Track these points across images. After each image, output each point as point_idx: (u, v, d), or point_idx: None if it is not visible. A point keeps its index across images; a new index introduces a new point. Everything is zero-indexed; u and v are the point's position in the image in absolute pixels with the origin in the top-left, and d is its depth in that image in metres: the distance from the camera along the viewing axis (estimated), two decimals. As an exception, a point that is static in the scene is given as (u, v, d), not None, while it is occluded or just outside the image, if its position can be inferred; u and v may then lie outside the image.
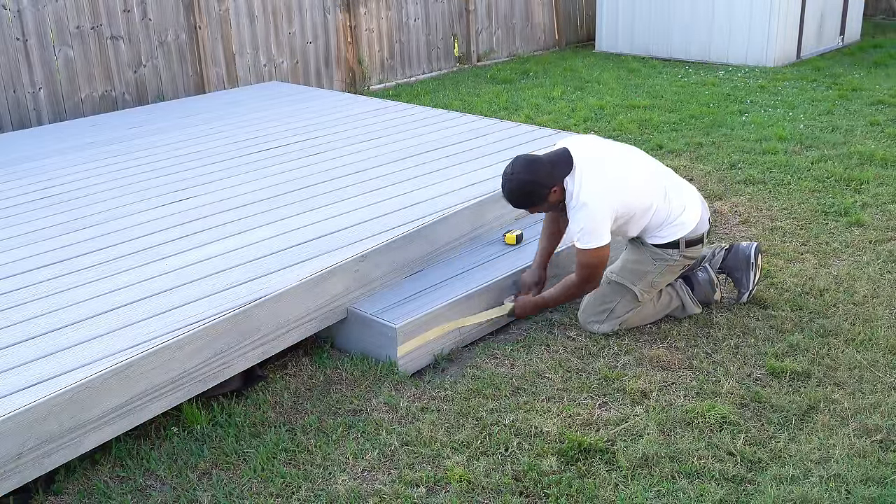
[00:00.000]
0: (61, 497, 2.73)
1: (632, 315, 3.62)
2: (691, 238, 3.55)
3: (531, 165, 3.38)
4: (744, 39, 9.62)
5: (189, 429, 3.03)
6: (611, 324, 3.61)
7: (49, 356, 2.79)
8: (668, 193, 3.53)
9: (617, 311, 3.60)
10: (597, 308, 3.61)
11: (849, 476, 2.70)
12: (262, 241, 3.68)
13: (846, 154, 5.99)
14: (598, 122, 7.20)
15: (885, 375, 3.28)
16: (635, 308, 3.61)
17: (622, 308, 3.59)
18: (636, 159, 3.59)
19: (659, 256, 3.56)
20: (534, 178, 3.36)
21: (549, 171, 3.37)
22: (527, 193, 3.41)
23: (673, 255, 3.56)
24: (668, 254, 3.55)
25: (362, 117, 5.86)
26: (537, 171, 3.36)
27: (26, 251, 3.68)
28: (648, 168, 3.58)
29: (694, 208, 3.58)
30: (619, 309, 3.59)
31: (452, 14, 9.82)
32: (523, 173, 3.37)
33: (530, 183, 3.37)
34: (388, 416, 3.09)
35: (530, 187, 3.38)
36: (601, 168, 3.41)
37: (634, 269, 3.59)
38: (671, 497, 2.64)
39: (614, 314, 3.60)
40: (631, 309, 3.61)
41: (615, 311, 3.60)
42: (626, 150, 3.63)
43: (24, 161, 5.06)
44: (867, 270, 4.16)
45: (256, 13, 7.86)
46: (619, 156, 3.56)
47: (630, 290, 3.58)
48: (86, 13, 6.66)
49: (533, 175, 3.36)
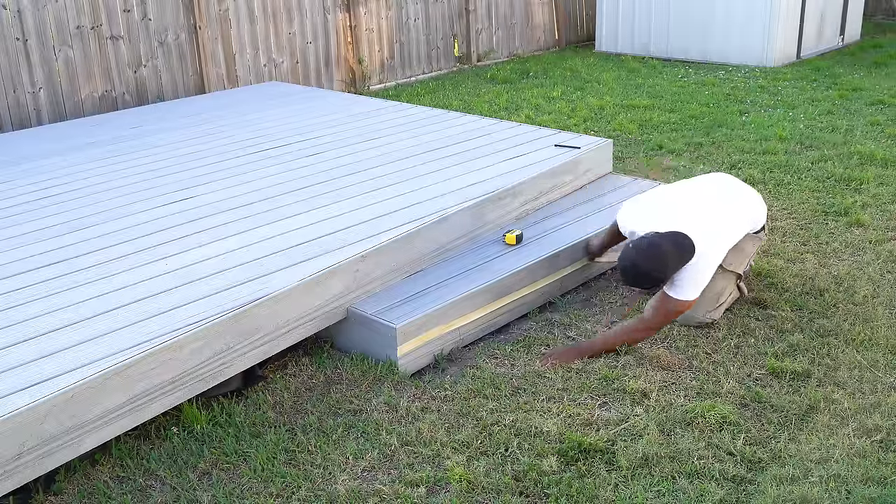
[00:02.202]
0: (61, 497, 2.73)
1: (730, 298, 3.75)
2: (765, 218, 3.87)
3: (664, 258, 3.33)
4: (744, 39, 9.61)
5: (189, 429, 3.03)
6: (719, 310, 3.70)
7: (49, 356, 2.79)
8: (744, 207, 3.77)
9: (726, 293, 3.71)
10: (711, 300, 3.65)
11: (849, 476, 2.70)
12: (262, 241, 3.68)
13: (846, 154, 5.99)
14: (598, 122, 7.20)
15: (885, 375, 3.28)
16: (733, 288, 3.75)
17: (729, 289, 3.72)
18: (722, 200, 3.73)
19: (756, 238, 3.81)
20: (662, 270, 3.35)
21: (675, 264, 3.37)
22: (649, 279, 3.40)
23: (762, 235, 3.86)
24: (762, 235, 3.86)
25: (362, 117, 5.86)
26: (666, 264, 3.34)
27: (26, 251, 3.68)
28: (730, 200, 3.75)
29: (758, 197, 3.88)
30: (728, 291, 3.72)
31: (452, 14, 9.82)
32: (655, 263, 3.32)
33: (657, 272, 3.35)
34: (388, 416, 3.09)
35: (656, 275, 3.37)
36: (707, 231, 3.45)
37: (740, 254, 3.72)
38: (671, 497, 2.64)
39: (723, 295, 3.70)
40: (733, 290, 3.76)
41: (724, 293, 3.70)
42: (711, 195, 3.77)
43: (24, 161, 5.05)
44: (867, 270, 4.16)
45: (256, 13, 7.85)
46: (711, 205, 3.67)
47: (734, 273, 3.72)
48: (86, 13, 6.66)
49: (662, 267, 3.34)
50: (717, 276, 3.61)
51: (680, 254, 3.37)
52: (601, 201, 4.62)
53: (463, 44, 10.05)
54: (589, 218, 4.38)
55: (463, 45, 10.05)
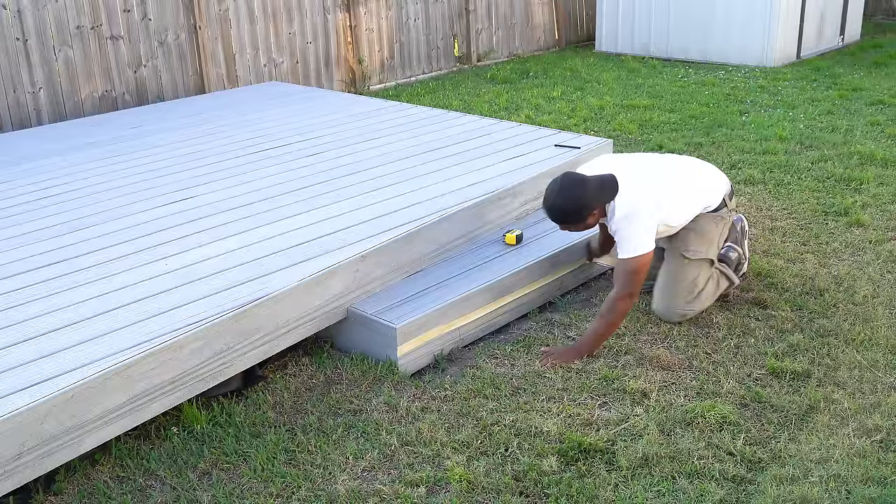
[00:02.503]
0: (61, 497, 2.73)
1: (709, 286, 3.72)
2: (729, 193, 3.82)
3: (579, 186, 3.42)
4: (744, 39, 9.61)
5: (189, 429, 3.03)
6: (700, 299, 3.69)
7: (49, 356, 2.79)
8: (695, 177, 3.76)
9: (700, 284, 3.68)
10: (684, 289, 3.65)
11: (849, 476, 2.70)
12: (262, 241, 3.68)
13: (846, 154, 5.99)
14: (598, 122, 7.20)
15: (885, 375, 3.28)
16: (711, 276, 3.73)
17: (703, 279, 3.69)
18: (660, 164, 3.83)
19: (717, 217, 3.75)
20: (580, 199, 3.41)
21: (595, 192, 3.43)
22: (569, 212, 3.46)
23: (724, 212, 3.78)
24: (721, 213, 3.77)
25: (362, 117, 5.86)
26: (584, 192, 3.42)
27: (26, 251, 3.68)
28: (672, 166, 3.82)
29: (716, 172, 3.86)
30: (701, 281, 3.69)
31: (452, 14, 9.82)
32: (571, 192, 3.41)
33: (575, 202, 3.42)
34: (388, 416, 3.09)
35: (574, 206, 3.43)
36: (639, 182, 3.52)
37: (702, 237, 3.70)
38: (671, 497, 2.64)
39: (698, 287, 3.68)
40: (709, 277, 3.72)
41: (699, 284, 3.68)
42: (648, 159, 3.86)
43: (24, 161, 5.05)
44: (867, 270, 4.16)
45: (256, 13, 7.86)
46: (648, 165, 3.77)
47: (706, 261, 3.70)
48: (86, 13, 6.66)
49: (580, 196, 3.41)
50: (685, 264, 3.67)
51: (599, 187, 3.43)
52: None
53: (463, 44, 10.05)
54: (589, 218, 4.37)
55: (463, 45, 10.05)
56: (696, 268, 3.67)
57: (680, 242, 3.70)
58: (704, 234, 3.69)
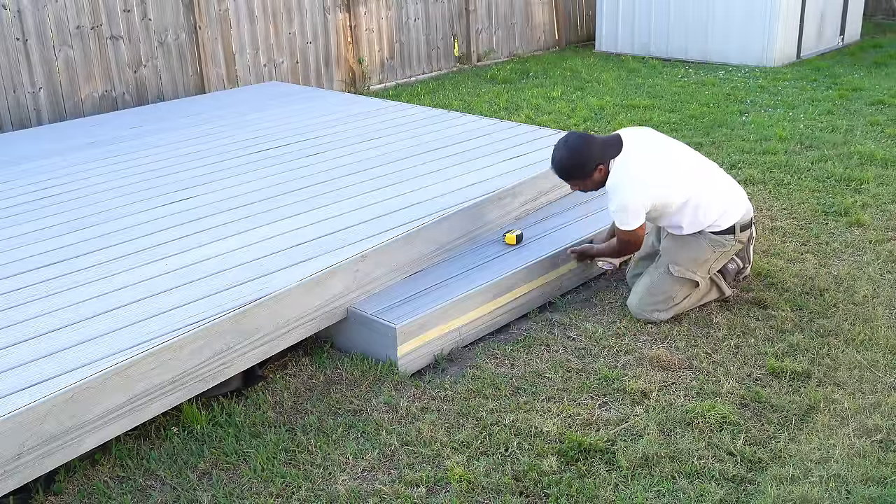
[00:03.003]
0: (61, 497, 2.73)
1: (687, 301, 3.75)
2: (743, 223, 3.74)
3: (584, 140, 3.60)
4: (744, 39, 9.61)
5: (189, 429, 3.03)
6: (671, 311, 3.72)
7: (49, 356, 2.79)
8: (714, 182, 3.72)
9: (677, 299, 3.72)
10: (659, 298, 3.70)
11: (849, 476, 2.70)
12: (262, 241, 3.68)
13: (846, 154, 5.99)
14: (598, 122, 7.20)
15: (885, 375, 3.28)
16: (691, 294, 3.74)
17: (682, 295, 3.72)
18: (683, 154, 3.78)
19: (718, 243, 3.70)
20: (584, 152, 3.56)
21: (600, 148, 3.57)
22: (574, 165, 3.59)
23: (729, 241, 3.72)
24: (725, 239, 3.71)
25: (362, 117, 5.86)
26: (589, 146, 3.57)
27: (26, 251, 3.68)
28: (693, 162, 3.76)
29: (740, 195, 3.80)
30: (679, 297, 3.72)
31: (452, 14, 9.82)
32: (575, 145, 3.58)
33: (579, 156, 3.56)
34: (388, 416, 3.09)
35: (578, 160, 3.57)
36: (645, 157, 3.59)
37: (694, 259, 3.70)
38: (671, 497, 2.64)
39: (674, 301, 3.71)
40: (688, 295, 3.73)
41: (675, 298, 3.71)
42: (675, 145, 3.81)
43: (23, 161, 5.05)
44: (867, 270, 4.16)
45: (256, 13, 7.85)
46: (666, 149, 3.74)
47: (691, 280, 3.71)
48: (86, 13, 6.66)
49: (584, 149, 3.56)
50: (668, 277, 3.69)
51: (602, 144, 3.58)
52: (601, 201, 4.61)
53: (463, 44, 10.05)
54: (589, 218, 4.38)
55: (463, 45, 10.05)
56: (678, 284, 3.70)
57: (672, 255, 3.72)
58: (698, 257, 3.69)
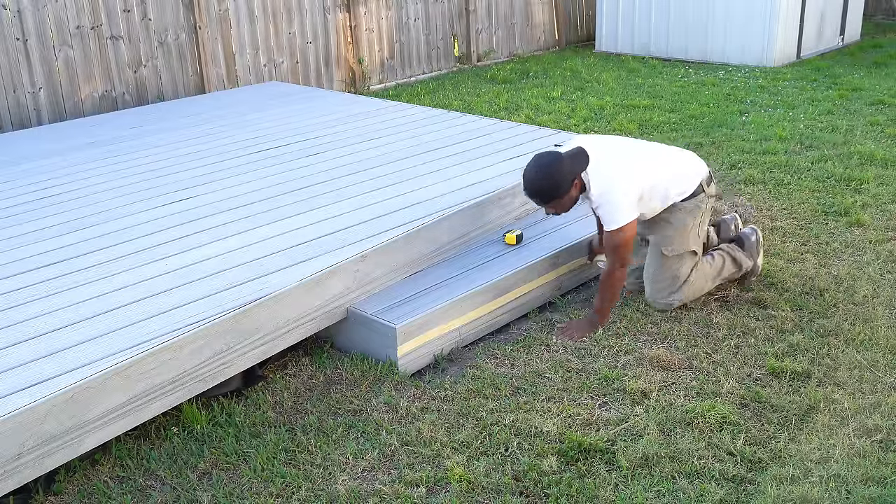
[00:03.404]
0: (61, 497, 2.73)
1: (696, 274, 3.78)
2: (705, 178, 3.81)
3: (551, 161, 3.55)
4: (744, 39, 9.61)
5: (189, 429, 3.03)
6: (685, 290, 3.76)
7: (49, 356, 2.79)
8: (668, 160, 3.81)
9: (683, 276, 3.75)
10: (665, 282, 3.75)
11: (849, 476, 2.70)
12: (262, 241, 3.68)
13: (846, 154, 5.99)
14: (597, 122, 7.20)
15: (885, 375, 3.28)
16: (696, 265, 3.79)
17: (686, 270, 3.76)
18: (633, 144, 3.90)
19: (692, 208, 3.76)
20: (555, 173, 3.53)
21: (569, 165, 3.55)
22: (550, 188, 3.55)
23: (702, 200, 3.78)
24: (697, 201, 3.76)
25: (362, 117, 5.86)
26: (558, 166, 3.54)
27: (26, 251, 3.68)
28: (644, 148, 3.88)
29: (691, 157, 3.88)
30: (683, 273, 3.75)
31: (452, 14, 9.82)
32: (545, 169, 3.54)
33: (552, 177, 3.52)
34: (388, 416, 3.09)
35: (555, 180, 3.53)
36: (612, 160, 3.63)
37: (679, 232, 3.74)
38: (671, 497, 2.64)
39: (681, 279, 3.75)
40: (693, 266, 3.77)
41: (681, 275, 3.75)
42: (622, 140, 3.93)
43: (24, 161, 5.05)
44: (867, 270, 4.16)
45: (256, 13, 7.86)
46: (620, 145, 3.84)
47: (686, 252, 3.76)
48: (86, 13, 6.66)
49: (554, 170, 3.53)
50: (665, 260, 3.74)
51: (570, 158, 3.55)
52: (601, 201, 4.62)
53: (463, 44, 10.05)
54: (589, 218, 4.37)
55: (463, 45, 10.05)
56: (677, 261, 3.75)
57: (659, 237, 3.79)
58: (681, 227, 3.75)
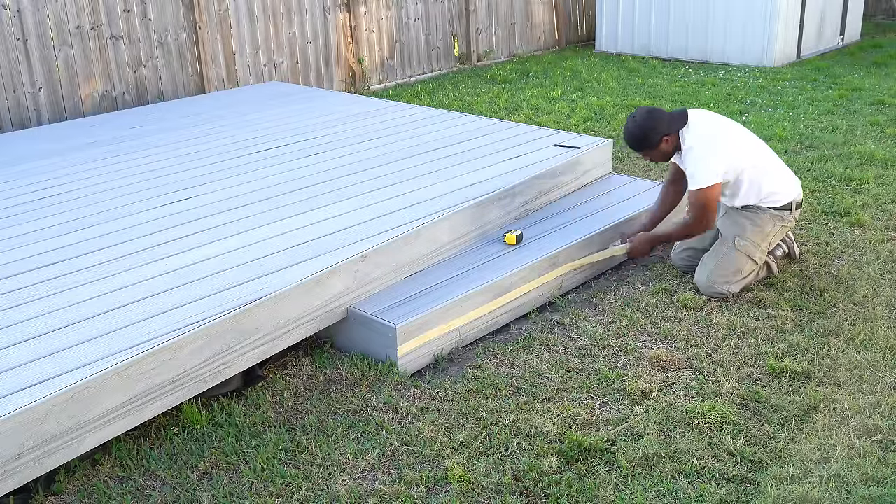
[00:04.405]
0: (61, 497, 2.73)
1: (752, 277, 3.99)
2: (798, 201, 4.04)
3: (652, 112, 3.93)
4: (743, 39, 9.62)
5: (189, 429, 3.03)
6: (740, 284, 3.94)
7: (49, 356, 2.79)
8: (771, 159, 4.04)
9: (745, 272, 3.95)
10: (729, 272, 3.92)
11: (849, 476, 2.70)
12: (262, 241, 3.68)
13: (846, 154, 5.99)
14: (598, 122, 7.20)
15: (885, 375, 3.28)
16: (757, 268, 3.98)
17: (748, 269, 3.95)
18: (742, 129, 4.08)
19: (778, 217, 3.98)
20: (652, 124, 3.88)
21: (667, 120, 3.90)
22: (644, 136, 3.90)
23: (787, 216, 4.00)
24: (784, 214, 3.99)
25: (362, 117, 5.86)
26: (657, 118, 3.90)
27: (26, 251, 3.68)
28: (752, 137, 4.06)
29: (793, 176, 4.10)
30: (745, 270, 3.95)
31: (452, 14, 9.82)
32: (644, 117, 3.90)
33: (648, 127, 3.88)
34: (388, 416, 3.09)
35: (647, 131, 3.88)
36: (713, 125, 3.94)
37: (758, 231, 3.95)
38: (671, 497, 2.64)
39: (742, 274, 3.94)
40: (754, 269, 3.97)
41: (743, 272, 3.94)
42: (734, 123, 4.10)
43: (24, 161, 5.06)
44: (867, 270, 4.16)
45: (256, 13, 7.86)
46: (727, 122, 4.05)
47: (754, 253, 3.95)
48: (86, 13, 6.66)
49: (652, 121, 3.89)
50: (735, 251, 3.93)
51: (668, 117, 3.91)
52: (601, 201, 4.62)
53: (463, 44, 10.05)
54: (589, 218, 4.38)
55: (463, 45, 10.05)
56: (743, 258, 3.93)
57: (738, 230, 3.98)
58: (762, 229, 3.96)
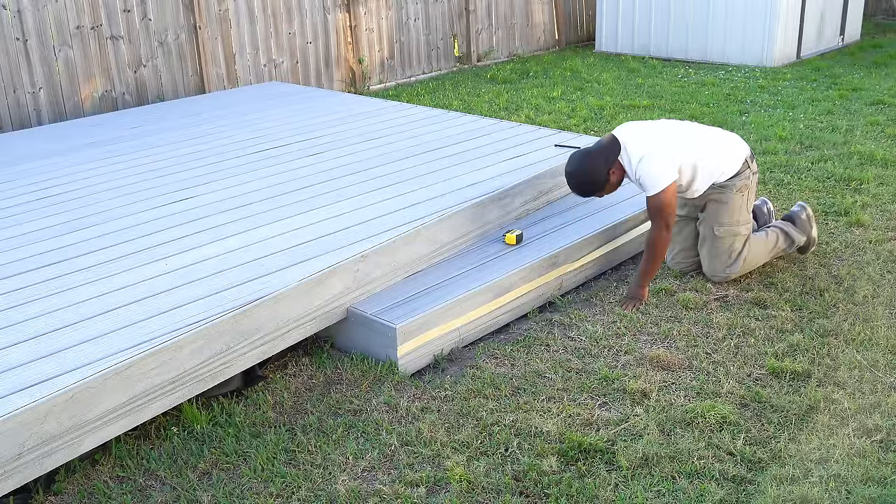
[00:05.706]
0: (61, 497, 2.73)
1: (749, 249, 4.01)
2: (748, 155, 4.04)
3: (585, 156, 3.88)
4: (744, 39, 9.62)
5: (189, 429, 3.03)
6: (741, 262, 4.00)
7: (49, 356, 2.79)
8: (709, 139, 4.00)
9: (737, 248, 3.99)
10: (722, 256, 4.00)
11: (849, 476, 2.70)
12: (262, 241, 3.68)
13: (846, 154, 5.99)
14: (597, 122, 7.20)
15: (885, 375, 3.28)
16: (748, 239, 4.01)
17: (739, 243, 4.00)
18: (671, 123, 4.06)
19: (740, 184, 3.97)
20: (591, 166, 3.84)
21: (603, 154, 3.85)
22: (592, 181, 3.86)
23: (747, 175, 3.99)
24: (742, 176, 3.98)
25: (362, 117, 5.86)
26: (594, 158, 3.85)
27: (26, 251, 3.68)
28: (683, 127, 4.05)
29: (732, 136, 4.09)
30: (737, 245, 3.99)
31: (452, 14, 9.82)
32: (580, 163, 3.86)
33: (589, 171, 3.84)
34: (388, 416, 3.09)
35: (591, 175, 3.85)
36: (644, 134, 3.89)
37: (729, 211, 3.96)
38: (671, 497, 2.64)
39: (736, 251, 3.99)
40: (745, 241, 4.00)
41: (735, 248, 3.99)
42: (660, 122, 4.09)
43: (24, 161, 5.06)
44: (867, 270, 4.16)
45: (256, 13, 7.86)
46: (657, 123, 4.04)
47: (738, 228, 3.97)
48: (86, 13, 6.66)
49: (590, 163, 3.84)
50: (718, 237, 3.97)
51: (600, 149, 3.86)
52: (601, 201, 4.62)
53: (463, 44, 10.05)
54: (589, 218, 4.38)
55: (463, 45, 10.05)
56: (730, 238, 3.97)
57: (711, 217, 4.01)
58: (729, 205, 3.96)
